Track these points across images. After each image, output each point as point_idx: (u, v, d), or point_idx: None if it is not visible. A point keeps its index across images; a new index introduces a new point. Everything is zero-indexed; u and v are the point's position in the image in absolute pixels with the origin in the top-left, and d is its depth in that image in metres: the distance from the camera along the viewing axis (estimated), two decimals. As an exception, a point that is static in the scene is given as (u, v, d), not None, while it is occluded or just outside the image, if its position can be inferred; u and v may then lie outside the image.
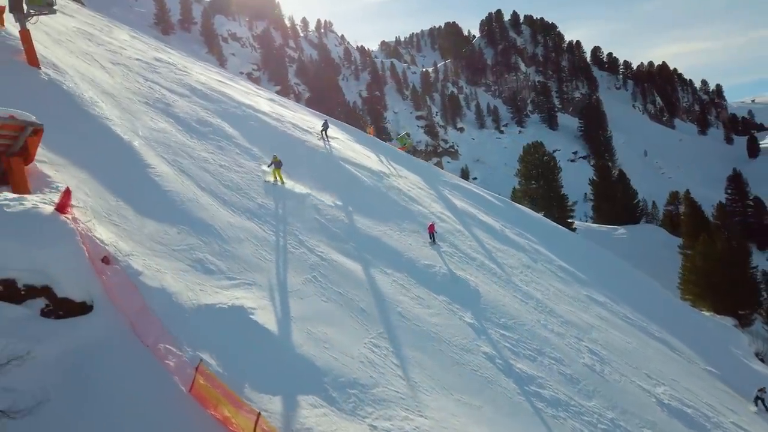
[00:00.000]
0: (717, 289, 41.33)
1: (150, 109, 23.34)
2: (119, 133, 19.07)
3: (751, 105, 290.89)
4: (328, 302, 15.33)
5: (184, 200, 17.00)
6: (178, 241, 14.76)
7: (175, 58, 40.48)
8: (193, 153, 21.26)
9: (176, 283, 12.83)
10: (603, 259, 38.18)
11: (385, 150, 40.86)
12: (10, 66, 19.44)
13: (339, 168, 28.20)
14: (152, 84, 27.14)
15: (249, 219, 18.19)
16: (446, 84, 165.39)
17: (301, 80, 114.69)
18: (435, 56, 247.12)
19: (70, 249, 11.67)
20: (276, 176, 21.83)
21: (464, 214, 31.76)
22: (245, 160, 23.19)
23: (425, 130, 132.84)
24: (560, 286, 27.06)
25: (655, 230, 66.32)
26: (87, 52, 27.55)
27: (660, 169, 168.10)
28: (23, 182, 13.45)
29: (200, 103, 27.71)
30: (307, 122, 35.69)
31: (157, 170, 17.93)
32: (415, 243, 23.03)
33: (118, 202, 15.14)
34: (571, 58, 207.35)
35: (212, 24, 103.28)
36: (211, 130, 24.59)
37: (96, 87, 22.27)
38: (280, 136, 28.79)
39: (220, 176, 20.40)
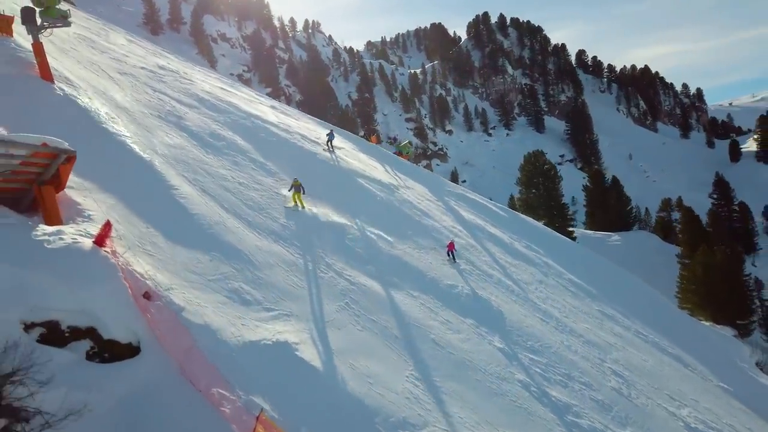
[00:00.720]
0: (717, 299, 41.83)
1: (163, 123, 22.78)
2: (139, 151, 18.52)
3: (729, 108, 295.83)
4: (363, 331, 15.02)
5: (211, 224, 16.54)
6: (212, 270, 14.32)
7: (175, 63, 39.79)
8: (210, 170, 20.76)
9: (218, 318, 12.42)
10: (606, 270, 38.34)
11: (386, 158, 40.61)
12: (24, 81, 18.78)
13: (353, 183, 27.88)
14: (161, 95, 26.54)
15: (275, 241, 17.78)
16: (434, 86, 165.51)
17: (291, 82, 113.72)
18: (421, 57, 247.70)
19: (113, 286, 11.19)
20: (296, 201, 21.21)
21: (474, 226, 31.62)
22: (262, 177, 22.76)
23: (415, 133, 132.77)
24: (573, 301, 27.06)
25: (648, 237, 67.02)
26: (93, 62, 26.85)
27: (645, 173, 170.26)
28: (55, 212, 12.90)
29: (210, 114, 27.17)
30: (313, 132, 35.29)
31: (181, 191, 17.43)
32: (434, 261, 22.79)
33: (148, 228, 14.64)
34: (557, 61, 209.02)
35: (202, 24, 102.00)
36: (225, 144, 24.08)
37: (109, 101, 21.65)
38: (292, 149, 28.36)
39: (240, 195, 19.95)
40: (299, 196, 21.20)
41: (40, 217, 12.91)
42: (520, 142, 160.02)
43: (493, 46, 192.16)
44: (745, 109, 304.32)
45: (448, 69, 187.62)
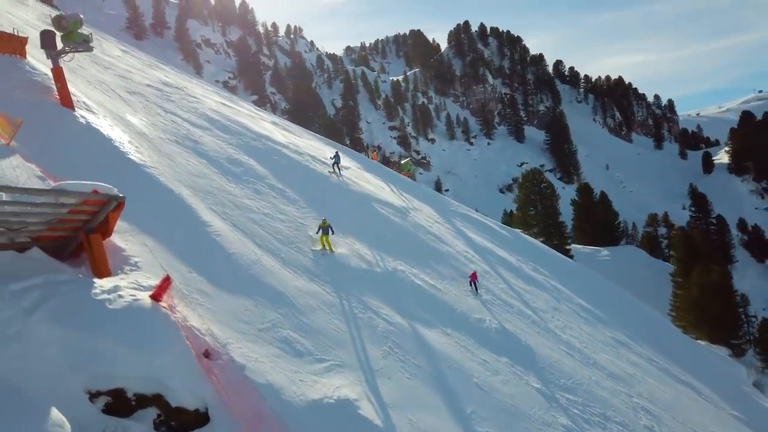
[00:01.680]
0: (712, 319, 42.59)
1: (182, 149, 22.10)
2: (166, 183, 17.87)
3: (698, 119, 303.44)
4: (412, 379, 14.68)
5: (249, 263, 16.02)
6: (260, 318, 13.82)
7: (174, 77, 39.03)
8: (236, 201, 20.20)
9: (277, 375, 11.94)
10: (607, 291, 38.67)
11: (389, 176, 40.38)
12: (45, 108, 17.95)
13: (368, 208, 27.55)
14: (173, 117, 25.84)
15: (311, 280, 17.33)
16: (416, 94, 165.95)
17: (276, 89, 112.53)
18: (400, 63, 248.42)
19: (177, 348, 10.63)
20: (324, 243, 20.08)
21: (484, 250, 31.53)
22: (284, 205, 22.26)
23: (398, 141, 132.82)
24: (587, 328, 27.13)
25: (635, 252, 68.07)
26: (101, 81, 25.99)
27: (621, 183, 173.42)
28: (104, 262, 12.22)
29: (223, 137, 26.54)
30: (318, 150, 34.90)
31: (215, 227, 16.85)
32: (459, 293, 22.56)
33: (191, 272, 14.06)
34: (536, 70, 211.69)
35: (187, 30, 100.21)
36: (243, 170, 23.51)
37: (129, 127, 20.90)
38: (305, 172, 27.90)
39: (269, 228, 19.43)
40: (327, 239, 20.04)
41: (87, 267, 12.27)
42: (501, 152, 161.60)
43: (474, 56, 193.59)
44: (713, 119, 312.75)
45: (429, 77, 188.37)
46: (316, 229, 20.37)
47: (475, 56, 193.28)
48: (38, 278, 10.58)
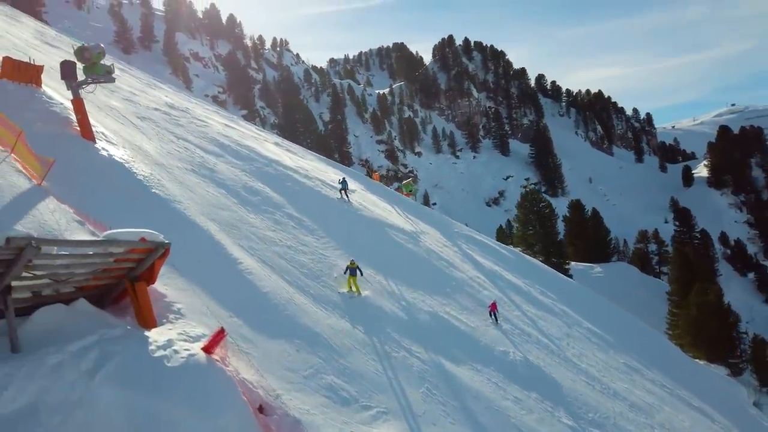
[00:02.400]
0: (710, 339, 43.09)
1: (200, 179, 21.72)
2: (193, 218, 17.52)
3: (673, 131, 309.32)
4: (456, 424, 14.46)
5: (284, 303, 15.71)
6: (303, 364, 13.52)
7: (174, 97, 38.63)
8: (259, 233, 19.87)
9: (330, 428, 11.66)
10: (609, 312, 38.91)
11: (391, 196, 40.29)
12: (66, 141, 17.49)
13: (382, 234, 27.37)
14: (185, 143, 25.44)
15: (342, 317, 17.07)
16: (402, 107, 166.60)
17: (265, 103, 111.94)
18: (383, 75, 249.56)
19: (236, 405, 10.29)
20: (351, 286, 19.31)
21: (493, 274, 31.50)
22: (304, 236, 21.96)
23: (386, 155, 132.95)
24: (601, 355, 27.18)
25: (627, 269, 68.76)
26: (111, 107, 25.51)
27: (605, 196, 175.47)
28: (149, 311, 11.82)
29: (236, 163, 26.20)
30: (326, 174, 34.72)
31: (245, 265, 16.53)
32: (479, 323, 22.44)
33: (231, 317, 13.73)
34: (519, 84, 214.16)
35: (176, 44, 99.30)
36: (260, 199, 23.19)
37: (147, 157, 20.48)
38: (318, 199, 27.65)
39: (294, 262, 19.14)
40: (354, 281, 19.28)
41: (131, 317, 11.86)
42: (487, 165, 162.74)
43: (459, 69, 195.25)
44: (687, 132, 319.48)
45: (414, 90, 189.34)
46: (343, 269, 19.68)
47: (460, 70, 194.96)
48: (93, 335, 10.17)
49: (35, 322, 10.24)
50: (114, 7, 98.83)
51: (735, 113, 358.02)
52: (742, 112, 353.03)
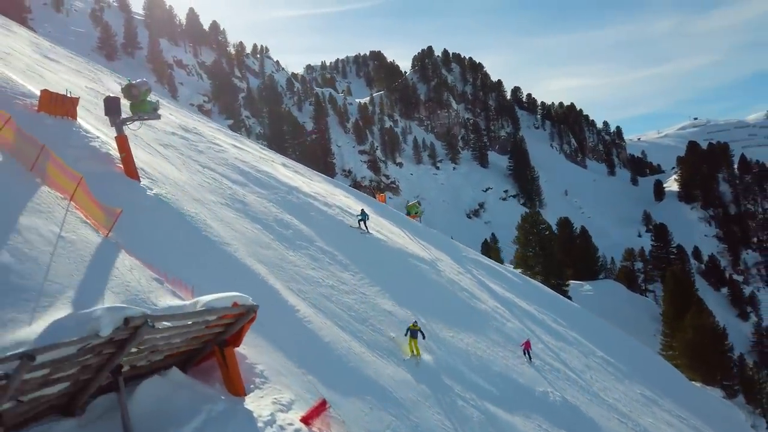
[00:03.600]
0: (707, 362, 44.10)
1: (236, 214, 21.30)
2: (243, 260, 17.17)
3: (639, 143, 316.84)
4: (525, 478, 14.42)
5: (345, 353, 15.50)
6: (379, 423, 13.33)
7: (182, 118, 37.95)
8: (301, 272, 19.56)
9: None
10: (614, 337, 39.51)
11: (396, 218, 40.21)
12: (112, 181, 16.91)
13: (407, 265, 27.31)
14: (211, 173, 24.96)
15: (398, 365, 16.93)
16: (383, 117, 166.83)
17: (249, 112, 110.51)
18: (360, 83, 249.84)
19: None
20: (412, 349, 17.97)
21: (509, 302, 31.68)
22: (340, 272, 21.71)
23: (368, 166, 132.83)
24: (620, 386, 27.55)
25: (615, 286, 70.01)
26: (134, 134, 24.77)
27: (580, 209, 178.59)
28: (238, 378, 11.42)
29: (261, 192, 25.80)
30: (340, 199, 34.50)
31: (302, 312, 16.25)
32: (513, 360, 22.55)
33: (306, 375, 13.43)
34: (497, 96, 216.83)
35: (161, 51, 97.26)
36: (293, 233, 22.84)
37: (185, 193, 19.97)
38: (342, 229, 27.45)
39: (340, 304, 18.89)
40: (416, 344, 18.01)
41: (220, 384, 11.43)
42: (467, 177, 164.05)
43: (438, 81, 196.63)
44: (653, 144, 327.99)
45: (394, 100, 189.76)
46: (405, 331, 18.45)
47: (439, 81, 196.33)
48: (200, 414, 9.80)
49: (139, 400, 9.79)
50: (96, 12, 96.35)
51: (698, 127, 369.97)
52: (704, 126, 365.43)
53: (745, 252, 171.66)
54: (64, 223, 12.67)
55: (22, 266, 10.23)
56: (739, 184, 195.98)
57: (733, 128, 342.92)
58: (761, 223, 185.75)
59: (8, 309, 9.05)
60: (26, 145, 15.07)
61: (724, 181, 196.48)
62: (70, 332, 8.49)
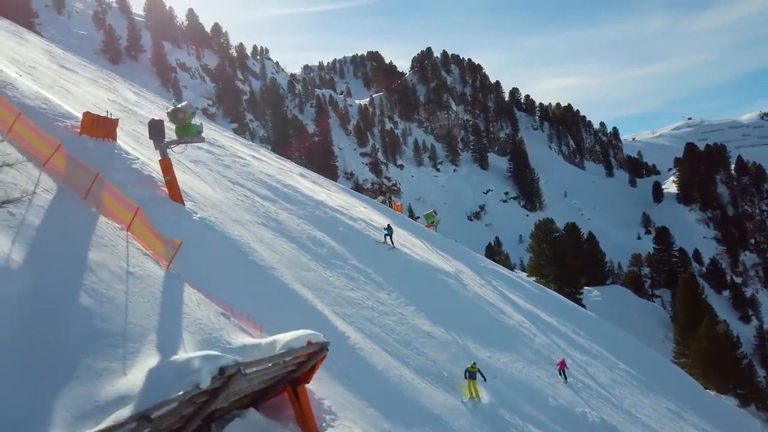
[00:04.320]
0: (721, 370, 44.29)
1: (273, 234, 21.25)
2: (290, 284, 17.18)
3: (634, 143, 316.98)
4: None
5: (398, 381, 15.52)
6: (443, 455, 13.29)
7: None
8: (343, 294, 19.54)
9: None
10: (630, 346, 39.64)
11: (412, 228, 40.21)
12: (159, 206, 16.77)
13: (434, 280, 27.33)
14: (242, 189, 24.94)
15: (445, 391, 16.96)
16: (383, 119, 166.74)
17: (252, 115, 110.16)
18: (358, 84, 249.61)
19: None
20: (472, 391, 17.42)
21: (533, 316, 31.71)
22: (377, 292, 21.70)
23: (370, 168, 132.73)
24: (647, 401, 27.64)
25: (623, 291, 70.19)
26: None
27: (579, 210, 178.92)
28: (311, 417, 11.38)
29: (290, 209, 25.75)
30: (362, 211, 34.43)
31: (352, 339, 16.24)
32: (549, 379, 22.59)
33: (368, 408, 13.42)
34: (496, 98, 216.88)
35: (165, 54, 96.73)
36: (327, 251, 22.79)
37: (225, 214, 19.88)
38: (368, 244, 27.41)
39: (383, 327, 18.89)
40: (475, 385, 17.44)
41: (294, 423, 11.37)
42: (467, 178, 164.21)
43: (438, 82, 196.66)
44: (648, 144, 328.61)
45: (394, 102, 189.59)
46: (465, 373, 17.89)
47: (439, 83, 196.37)
48: (288, 460, 9.73)
49: (226, 447, 9.73)
50: (98, 15, 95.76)
51: (692, 127, 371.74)
52: (698, 126, 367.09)
53: (743, 254, 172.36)
54: (128, 257, 12.59)
55: (102, 308, 10.15)
56: (737, 185, 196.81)
57: (727, 128, 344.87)
58: (758, 225, 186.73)
59: (99, 357, 9.00)
60: (78, 172, 14.94)
61: (722, 183, 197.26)
62: (170, 384, 8.46)
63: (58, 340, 9.01)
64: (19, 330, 8.82)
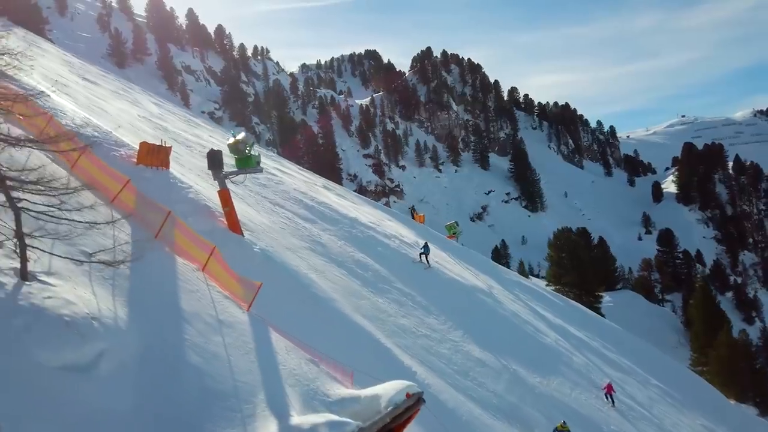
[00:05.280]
0: (742, 379, 44.43)
1: (322, 259, 21.11)
2: (351, 316, 17.09)
3: (628, 141, 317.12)
4: None
5: (469, 418, 15.49)
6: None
7: (218, 136, 37.61)
8: (397, 323, 19.45)
9: None
10: (656, 358, 39.74)
11: (436, 240, 40.09)
12: (220, 237, 16.54)
13: (473, 299, 27.31)
14: (282, 210, 24.81)
15: (511, 425, 16.85)
16: (384, 119, 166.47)
17: (258, 118, 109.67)
18: (356, 83, 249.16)
19: None
20: None
21: (564, 331, 31.67)
22: (425, 317, 21.62)
23: (373, 170, 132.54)
24: (684, 419, 27.68)
25: (634, 297, 70.37)
26: (201, 168, 24.45)
27: (580, 211, 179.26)
28: (408, 467, 11.29)
29: (330, 229, 25.61)
30: (393, 227, 34.38)
31: (418, 373, 16.21)
32: (596, 402, 22.61)
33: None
34: (495, 97, 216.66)
35: (171, 57, 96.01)
36: (372, 274, 22.69)
37: (277, 242, 19.74)
38: (406, 263, 27.33)
39: (440, 356, 18.85)
40: None
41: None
42: (469, 179, 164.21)
43: (438, 82, 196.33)
44: (642, 142, 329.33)
45: (394, 102, 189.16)
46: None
47: (439, 83, 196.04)
48: None
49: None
50: (103, 17, 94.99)
51: (686, 124, 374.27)
52: (692, 123, 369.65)
53: (742, 253, 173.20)
54: (214, 302, 12.44)
55: (210, 366, 10.03)
56: (735, 185, 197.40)
57: (721, 126, 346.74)
58: (756, 224, 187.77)
59: (222, 423, 8.91)
60: (147, 209, 14.78)
61: (720, 182, 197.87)
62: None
63: (179, 407, 8.86)
64: (140, 398, 8.67)
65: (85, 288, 9.76)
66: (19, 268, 9.42)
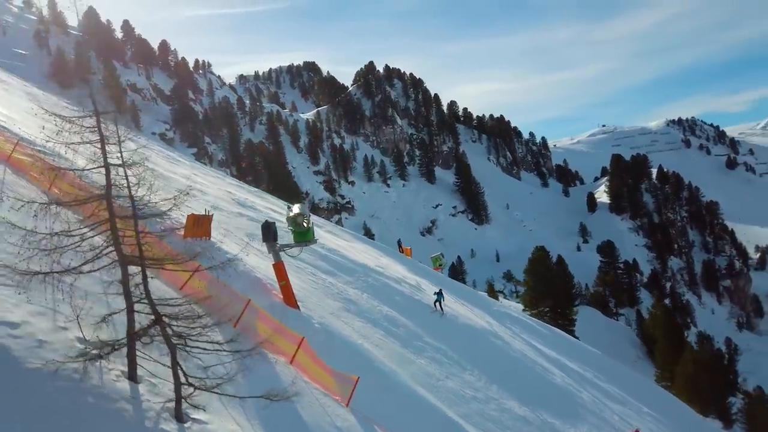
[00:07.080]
0: (707, 393, 47.19)
1: (360, 321, 20.89)
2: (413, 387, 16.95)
3: (555, 150, 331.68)
4: None
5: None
6: None
7: (213, 180, 36.49)
8: (444, 386, 19.53)
9: None
10: (640, 383, 41.63)
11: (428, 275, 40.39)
12: (279, 313, 16.07)
13: (488, 345, 27.66)
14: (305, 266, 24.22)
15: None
16: (331, 134, 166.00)
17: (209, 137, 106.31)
18: (295, 94, 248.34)
19: None
20: None
21: (563, 366, 32.57)
22: (462, 373, 21.82)
23: (324, 187, 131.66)
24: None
25: (592, 312, 73.27)
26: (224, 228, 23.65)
27: (522, 222, 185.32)
28: None
29: (349, 281, 25.37)
30: (398, 270, 34.36)
31: (488, 446, 16.26)
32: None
33: None
34: (438, 111, 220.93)
35: (118, 76, 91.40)
36: (405, 332, 22.64)
37: (322, 308, 19.35)
38: (425, 312, 27.39)
39: (490, 419, 19.05)
40: None
41: None
42: (417, 193, 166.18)
43: (383, 96, 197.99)
44: (568, 151, 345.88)
45: (339, 116, 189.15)
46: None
47: (384, 97, 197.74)
48: None
49: None
50: (40, 33, 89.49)
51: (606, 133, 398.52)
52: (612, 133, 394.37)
53: (670, 259, 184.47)
54: (323, 407, 12.12)
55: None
56: (660, 194, 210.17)
57: (637, 134, 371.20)
58: (680, 230, 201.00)
59: None
60: (219, 294, 14.19)
61: (647, 192, 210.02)
62: None
63: None
64: None
65: (234, 422, 9.30)
66: (173, 407, 8.95)
